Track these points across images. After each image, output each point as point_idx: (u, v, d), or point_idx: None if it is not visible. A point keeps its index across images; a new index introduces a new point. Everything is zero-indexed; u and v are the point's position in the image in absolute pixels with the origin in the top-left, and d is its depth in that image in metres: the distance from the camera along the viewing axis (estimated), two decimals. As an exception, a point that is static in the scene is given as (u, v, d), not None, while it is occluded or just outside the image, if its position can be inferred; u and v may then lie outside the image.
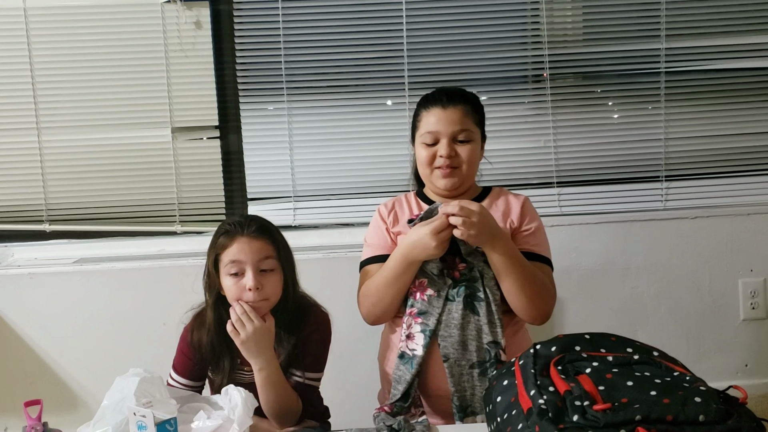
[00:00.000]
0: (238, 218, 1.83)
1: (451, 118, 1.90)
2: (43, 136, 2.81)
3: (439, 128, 1.90)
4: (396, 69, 2.84)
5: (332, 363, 1.94)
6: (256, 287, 1.74)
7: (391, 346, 1.96)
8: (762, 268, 2.89)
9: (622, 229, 2.86)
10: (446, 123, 1.90)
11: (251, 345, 1.72)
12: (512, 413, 1.27)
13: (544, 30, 2.85)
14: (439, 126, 1.91)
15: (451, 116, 1.91)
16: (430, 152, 1.92)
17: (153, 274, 2.72)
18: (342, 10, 2.81)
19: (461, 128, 1.91)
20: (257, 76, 2.84)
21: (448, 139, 1.90)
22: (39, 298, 2.71)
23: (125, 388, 1.60)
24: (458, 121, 1.90)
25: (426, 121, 1.93)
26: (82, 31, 2.78)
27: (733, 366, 2.91)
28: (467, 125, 1.92)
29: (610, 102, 2.95)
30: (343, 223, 2.91)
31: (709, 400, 1.14)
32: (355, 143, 2.88)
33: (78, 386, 2.73)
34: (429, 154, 1.92)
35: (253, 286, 1.73)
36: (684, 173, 2.93)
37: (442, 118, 1.91)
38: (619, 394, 1.17)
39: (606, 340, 1.34)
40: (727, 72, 2.91)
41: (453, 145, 1.90)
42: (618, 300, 2.87)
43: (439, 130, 1.90)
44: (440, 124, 1.91)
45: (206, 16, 2.79)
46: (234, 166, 2.91)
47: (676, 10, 2.86)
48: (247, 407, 1.61)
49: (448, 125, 1.90)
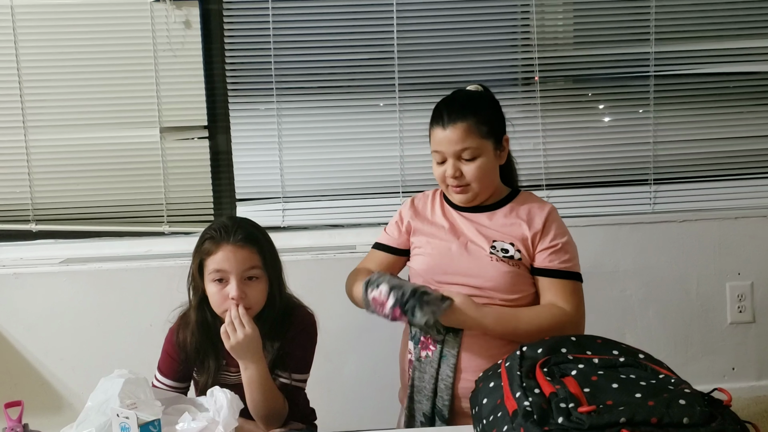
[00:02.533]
0: (225, 222, 1.82)
1: (452, 138, 1.83)
2: (30, 135, 2.79)
3: (441, 149, 1.85)
4: (386, 70, 2.84)
5: (319, 365, 1.93)
6: (239, 297, 1.73)
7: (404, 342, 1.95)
8: (749, 271, 2.90)
9: (611, 232, 2.86)
10: (447, 143, 1.84)
11: (239, 349, 1.71)
12: (498, 415, 1.27)
13: (535, 33, 2.86)
14: (442, 147, 1.85)
15: (452, 136, 1.83)
16: (440, 171, 1.88)
17: (140, 275, 2.71)
18: (332, 11, 2.81)
19: (463, 147, 1.83)
20: (247, 76, 2.83)
21: (453, 159, 1.84)
22: (24, 298, 2.69)
23: (109, 390, 1.59)
24: (459, 140, 1.83)
25: (432, 139, 1.89)
26: (70, 29, 2.76)
27: (720, 369, 2.92)
28: (470, 142, 1.83)
29: (599, 105, 2.95)
30: (332, 225, 2.90)
31: (693, 403, 1.14)
32: (345, 144, 2.88)
33: (62, 387, 2.72)
34: (440, 172, 1.88)
35: (237, 296, 1.73)
36: (672, 176, 2.94)
37: (443, 139, 1.84)
38: (605, 397, 1.17)
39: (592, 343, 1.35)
40: (716, 76, 2.92)
41: (458, 164, 1.85)
42: (606, 303, 2.87)
43: (443, 151, 1.85)
44: (442, 145, 1.85)
45: (195, 15, 2.77)
46: (223, 166, 2.90)
47: (665, 14, 2.87)
48: (233, 409, 1.61)
49: (449, 146, 1.84)
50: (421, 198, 2.04)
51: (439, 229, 1.94)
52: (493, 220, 1.91)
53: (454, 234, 1.91)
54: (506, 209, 1.92)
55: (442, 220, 1.95)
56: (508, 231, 1.89)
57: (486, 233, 1.89)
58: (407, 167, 2.87)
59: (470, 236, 1.90)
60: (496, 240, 1.87)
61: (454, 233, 1.92)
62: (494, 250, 1.85)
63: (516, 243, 1.86)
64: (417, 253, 1.96)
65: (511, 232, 1.88)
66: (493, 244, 1.86)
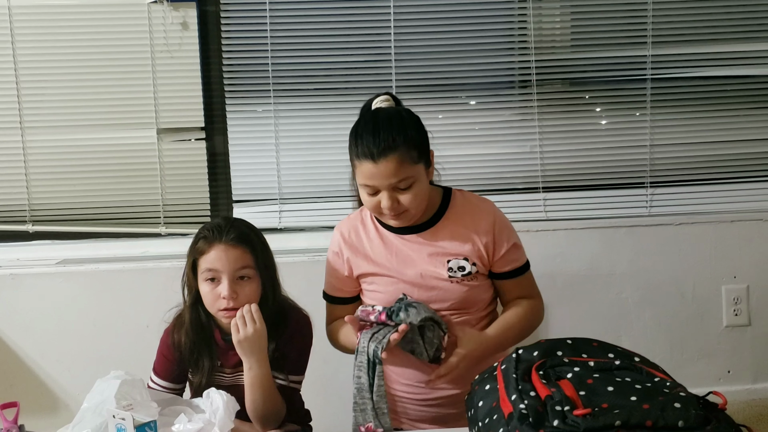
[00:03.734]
0: (219, 222, 1.83)
1: (386, 171, 1.70)
2: (27, 135, 2.79)
3: (375, 182, 1.72)
4: (383, 73, 2.84)
5: (316, 367, 1.94)
6: (230, 297, 1.74)
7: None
8: (745, 274, 2.91)
9: (607, 234, 2.87)
10: (381, 177, 1.70)
11: (246, 345, 1.72)
12: (493, 418, 1.27)
13: (531, 36, 2.86)
14: (375, 181, 1.71)
15: (385, 170, 1.69)
16: (373, 201, 1.75)
17: (137, 276, 2.71)
18: (330, 13, 2.81)
19: (398, 179, 1.71)
20: (244, 77, 2.83)
21: (389, 191, 1.72)
22: (21, 299, 2.69)
23: (106, 391, 1.59)
24: (394, 173, 1.70)
25: (360, 172, 1.74)
26: (68, 30, 2.76)
27: (715, 372, 2.93)
28: (404, 173, 1.71)
29: (596, 108, 2.96)
30: (329, 226, 2.89)
31: (688, 406, 1.14)
32: (342, 146, 2.80)
33: (59, 388, 2.71)
34: (373, 203, 1.75)
35: (228, 295, 1.74)
36: (669, 180, 2.95)
37: (376, 173, 1.70)
38: (600, 400, 1.17)
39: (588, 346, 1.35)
40: (713, 79, 2.93)
41: (394, 194, 1.72)
42: (602, 305, 2.88)
43: (375, 185, 1.72)
44: (375, 179, 1.71)
45: (193, 17, 2.78)
46: (219, 167, 2.90)
47: (662, 17, 2.88)
48: (229, 410, 1.61)
49: (383, 179, 1.70)
50: (350, 230, 1.90)
51: (386, 264, 1.84)
52: (438, 236, 1.82)
53: (405, 266, 1.82)
54: (448, 221, 1.84)
55: (385, 252, 1.84)
56: (458, 247, 1.81)
57: (437, 254, 1.81)
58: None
59: (422, 264, 1.81)
60: (450, 259, 1.80)
61: (405, 264, 1.82)
62: (452, 272, 1.80)
63: (470, 257, 1.81)
64: (370, 290, 1.87)
65: (462, 247, 1.81)
66: (449, 265, 1.80)
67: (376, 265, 1.85)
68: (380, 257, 1.84)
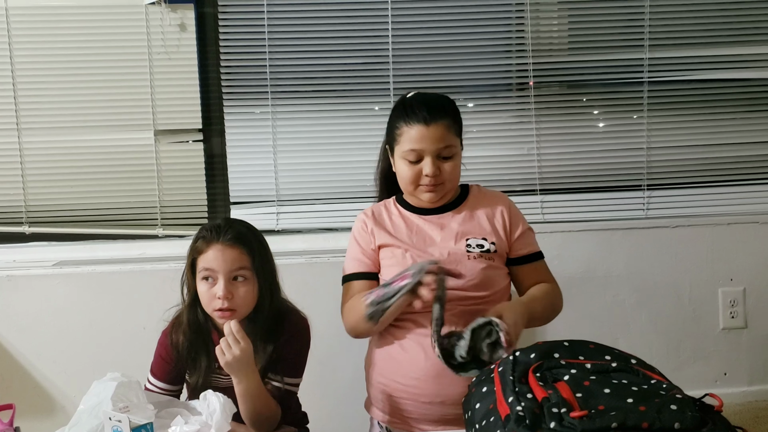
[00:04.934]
0: (219, 222, 1.83)
1: (435, 135, 1.82)
2: (24, 137, 2.78)
3: (423, 146, 1.82)
4: (381, 74, 2.85)
5: (313, 369, 1.93)
6: (225, 297, 1.74)
7: (381, 354, 1.92)
8: (742, 277, 2.92)
9: (604, 237, 2.87)
10: (430, 141, 1.82)
11: (234, 365, 1.70)
12: (490, 420, 1.27)
13: (529, 38, 2.87)
14: (423, 144, 1.82)
15: (435, 133, 1.82)
16: (414, 170, 1.85)
17: (134, 278, 2.70)
18: (328, 15, 2.81)
19: (445, 144, 1.83)
20: (242, 79, 2.83)
21: (433, 157, 1.83)
22: (17, 300, 2.68)
23: (102, 393, 1.59)
24: (442, 138, 1.83)
25: (407, 137, 1.84)
26: (65, 31, 2.76)
27: (712, 374, 2.93)
28: (450, 140, 1.85)
29: (593, 111, 2.96)
30: (326, 228, 2.90)
31: (684, 408, 1.14)
32: (339, 148, 2.88)
33: (54, 390, 2.71)
34: (414, 172, 1.85)
35: (223, 296, 1.74)
36: (665, 182, 2.96)
37: (426, 135, 1.82)
38: (596, 402, 1.17)
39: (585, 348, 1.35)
40: (710, 82, 2.94)
41: (437, 162, 1.84)
42: (599, 308, 2.88)
43: (423, 148, 1.82)
44: (424, 142, 1.82)
45: (191, 18, 2.78)
46: (217, 169, 2.89)
47: (659, 20, 2.89)
48: (225, 413, 1.61)
49: (432, 143, 1.82)
50: (375, 210, 1.99)
51: (406, 240, 1.91)
52: (458, 218, 1.92)
53: (425, 243, 1.90)
54: (466, 206, 1.94)
55: (406, 230, 1.92)
56: (477, 226, 1.91)
57: (456, 234, 1.89)
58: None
59: (441, 242, 1.89)
60: (468, 237, 1.88)
61: (424, 242, 1.90)
62: (470, 247, 1.87)
63: (488, 237, 1.89)
64: (390, 265, 1.90)
65: (480, 227, 1.91)
66: (468, 242, 1.87)
67: (397, 239, 1.91)
68: (401, 233, 1.92)
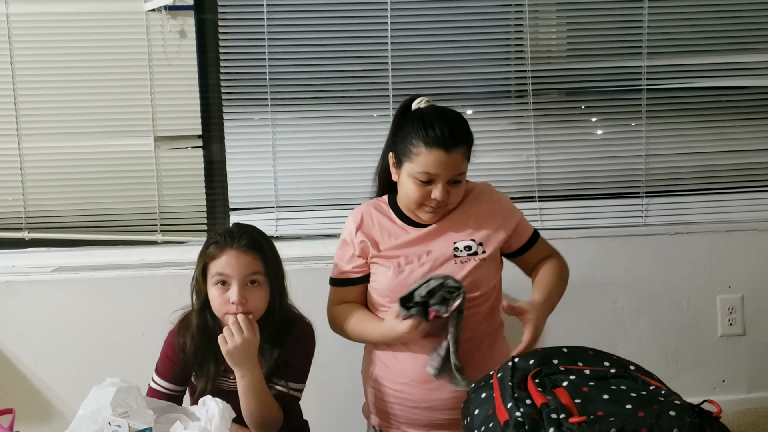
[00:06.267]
0: (231, 228, 1.84)
1: (453, 163, 1.78)
2: (24, 143, 2.78)
3: (438, 172, 1.77)
4: (380, 81, 2.85)
5: (313, 376, 1.93)
6: (240, 302, 1.74)
7: (375, 361, 1.93)
8: (740, 284, 2.92)
9: (603, 244, 2.88)
10: (447, 168, 1.78)
11: (236, 354, 1.72)
12: (489, 426, 1.27)
13: (528, 45, 2.88)
14: (440, 170, 1.77)
15: (453, 161, 1.78)
16: (423, 192, 1.80)
17: (133, 284, 2.70)
18: (327, 22, 2.82)
19: (459, 171, 1.81)
20: (241, 86, 2.84)
21: (444, 183, 1.79)
22: (15, 306, 2.68)
23: (101, 398, 1.59)
24: (458, 165, 1.79)
25: (424, 160, 1.77)
26: (66, 37, 2.76)
27: (710, 381, 2.93)
28: (464, 167, 1.82)
29: (592, 118, 2.97)
30: (325, 234, 2.90)
31: (683, 414, 1.15)
32: (338, 154, 2.88)
33: (53, 396, 2.70)
34: (422, 194, 1.80)
35: (238, 300, 1.74)
36: (664, 190, 2.96)
37: (444, 163, 1.77)
38: (595, 407, 1.18)
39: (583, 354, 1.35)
40: (708, 90, 2.95)
41: (447, 187, 1.80)
42: (598, 314, 2.88)
43: (439, 174, 1.78)
44: (441, 168, 1.77)
45: (191, 25, 2.78)
46: (216, 175, 2.90)
47: (657, 28, 2.90)
48: (225, 418, 1.61)
49: (448, 170, 1.78)
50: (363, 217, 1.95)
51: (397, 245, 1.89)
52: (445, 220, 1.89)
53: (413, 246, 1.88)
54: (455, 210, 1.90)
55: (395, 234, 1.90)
56: (463, 230, 1.88)
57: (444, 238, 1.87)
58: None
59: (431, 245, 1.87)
60: (456, 241, 1.87)
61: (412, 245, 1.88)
62: (457, 251, 1.86)
63: (475, 237, 1.87)
64: (378, 272, 1.90)
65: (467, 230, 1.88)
66: (456, 245, 1.86)
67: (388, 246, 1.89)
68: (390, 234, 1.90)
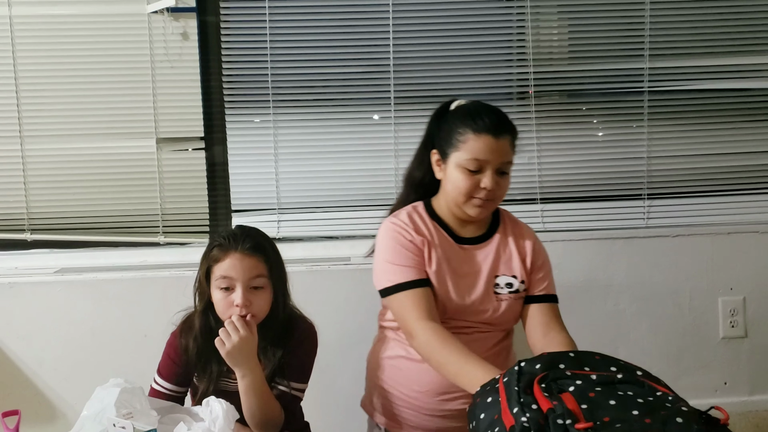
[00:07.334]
0: (235, 230, 1.85)
1: (502, 148, 1.77)
2: (27, 144, 2.78)
3: (488, 158, 1.76)
4: (382, 84, 2.85)
5: (314, 377, 1.94)
6: (244, 305, 1.75)
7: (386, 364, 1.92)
8: (742, 286, 2.92)
9: (605, 246, 2.88)
10: (497, 154, 1.76)
11: (236, 354, 1.72)
12: (495, 430, 1.26)
13: (530, 47, 2.88)
14: (489, 155, 1.76)
15: (502, 147, 1.77)
16: (472, 181, 1.77)
17: (135, 285, 2.70)
18: (329, 24, 2.82)
19: (508, 159, 1.79)
20: (243, 88, 2.84)
21: (494, 170, 1.77)
22: (18, 307, 2.68)
23: (105, 399, 1.59)
24: (507, 152, 1.78)
25: (473, 146, 1.76)
26: (68, 40, 2.76)
27: (712, 384, 2.93)
28: (511, 156, 1.81)
29: (593, 120, 2.97)
30: (327, 236, 2.90)
31: (690, 421, 1.14)
32: (340, 156, 2.88)
33: (56, 397, 2.70)
34: (471, 183, 1.78)
35: (242, 303, 1.75)
36: (666, 192, 2.96)
37: (494, 147, 1.75)
38: (602, 413, 1.17)
39: (590, 359, 1.35)
40: (710, 92, 2.94)
41: (496, 177, 1.78)
42: (599, 317, 2.88)
43: (489, 160, 1.76)
44: (492, 154, 1.76)
45: (193, 27, 2.78)
46: (219, 177, 2.90)
47: (659, 30, 2.90)
48: (228, 419, 1.61)
49: (498, 156, 1.76)
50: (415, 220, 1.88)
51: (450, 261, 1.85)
52: (490, 251, 1.87)
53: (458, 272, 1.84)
54: (499, 236, 1.89)
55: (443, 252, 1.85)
56: (507, 262, 1.87)
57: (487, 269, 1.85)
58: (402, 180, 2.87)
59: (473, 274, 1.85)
60: (498, 275, 1.86)
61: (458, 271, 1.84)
62: (498, 287, 1.85)
63: (518, 274, 1.87)
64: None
65: (511, 263, 1.87)
66: (497, 280, 1.85)
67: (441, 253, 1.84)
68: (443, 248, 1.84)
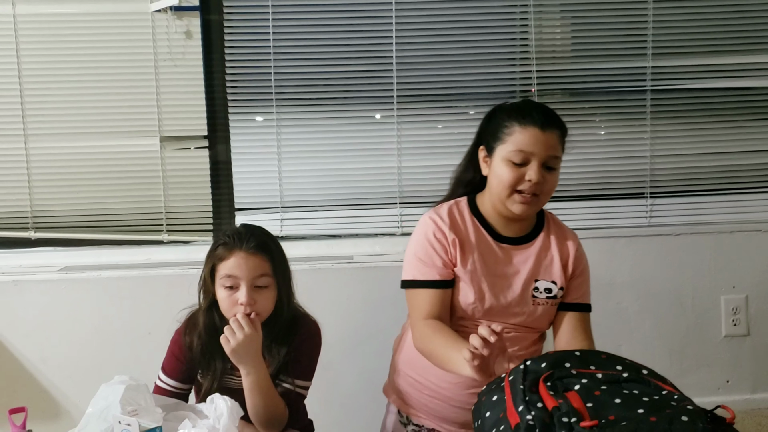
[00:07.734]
0: (239, 229, 1.85)
1: (548, 141, 1.76)
2: (30, 143, 2.79)
3: (533, 149, 1.74)
4: (385, 82, 2.85)
5: (318, 375, 1.94)
6: (248, 303, 1.75)
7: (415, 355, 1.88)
8: (744, 285, 2.92)
9: (607, 244, 2.88)
10: (542, 146, 1.75)
11: (240, 351, 1.73)
12: (500, 429, 1.27)
13: (533, 46, 2.88)
14: (536, 148, 1.74)
15: (549, 140, 1.76)
16: (517, 174, 1.76)
17: (139, 283, 2.71)
18: (332, 23, 2.82)
19: (554, 154, 1.77)
20: (246, 86, 2.84)
21: (540, 163, 1.75)
22: (23, 305, 2.68)
23: (110, 396, 1.60)
24: (554, 146, 1.77)
25: (518, 138, 1.76)
26: (72, 38, 2.76)
27: (714, 382, 2.94)
28: (559, 151, 1.79)
29: (596, 119, 2.97)
30: (330, 235, 2.91)
31: (695, 420, 1.14)
32: (343, 155, 2.89)
33: (61, 394, 2.71)
34: (516, 176, 1.76)
35: (246, 302, 1.75)
36: (668, 190, 2.96)
37: (541, 140, 1.74)
38: (607, 412, 1.18)
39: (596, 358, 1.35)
40: (713, 91, 2.94)
41: (542, 171, 1.76)
42: (602, 315, 2.86)
43: (534, 152, 1.75)
44: (537, 146, 1.74)
45: (196, 26, 2.78)
46: (222, 176, 2.90)
47: (662, 29, 2.90)
48: (233, 416, 1.62)
49: (543, 149, 1.75)
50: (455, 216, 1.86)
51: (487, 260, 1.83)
52: (531, 253, 1.86)
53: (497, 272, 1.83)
54: (542, 238, 1.88)
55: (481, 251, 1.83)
56: (548, 266, 1.87)
57: (527, 272, 1.85)
58: (404, 178, 2.88)
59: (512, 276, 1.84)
60: (538, 278, 1.85)
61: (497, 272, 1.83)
62: (537, 291, 1.84)
63: (558, 280, 1.86)
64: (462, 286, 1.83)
65: (552, 268, 1.87)
66: (536, 284, 1.85)
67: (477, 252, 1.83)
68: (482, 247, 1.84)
